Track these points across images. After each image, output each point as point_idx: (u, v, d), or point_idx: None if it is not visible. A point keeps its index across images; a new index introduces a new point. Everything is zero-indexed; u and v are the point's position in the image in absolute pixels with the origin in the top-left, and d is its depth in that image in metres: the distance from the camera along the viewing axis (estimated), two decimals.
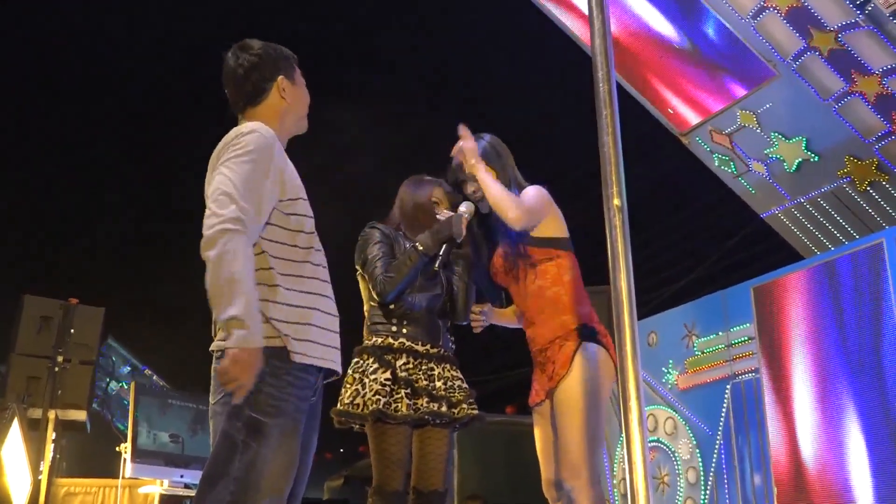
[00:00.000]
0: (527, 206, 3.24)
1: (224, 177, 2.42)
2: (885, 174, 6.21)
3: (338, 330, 2.59)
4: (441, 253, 3.36)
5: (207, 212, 2.40)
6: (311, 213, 2.60)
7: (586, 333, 3.21)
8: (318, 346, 2.48)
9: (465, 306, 3.56)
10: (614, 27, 6.42)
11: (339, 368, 2.58)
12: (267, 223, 2.49)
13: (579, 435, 3.12)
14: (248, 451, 2.30)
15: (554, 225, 3.32)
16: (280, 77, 2.66)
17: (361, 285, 3.55)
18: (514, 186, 3.35)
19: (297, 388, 2.40)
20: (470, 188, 3.42)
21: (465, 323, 3.60)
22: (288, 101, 2.67)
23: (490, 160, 3.36)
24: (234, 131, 2.55)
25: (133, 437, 6.46)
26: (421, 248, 3.35)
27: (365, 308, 3.56)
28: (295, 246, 2.52)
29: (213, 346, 2.50)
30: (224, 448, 2.33)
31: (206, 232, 2.36)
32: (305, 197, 2.61)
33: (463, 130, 3.33)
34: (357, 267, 3.54)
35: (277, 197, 2.50)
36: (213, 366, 2.50)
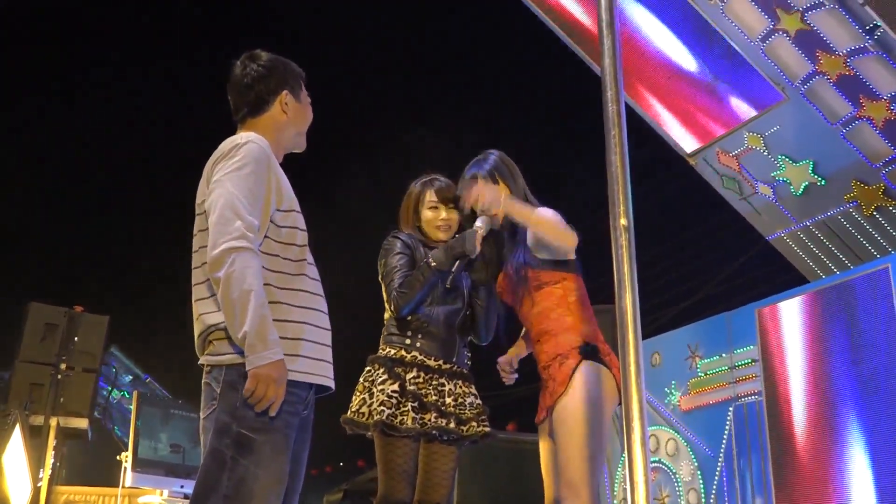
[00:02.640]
0: (569, 231, 3.28)
1: (226, 191, 2.39)
2: (892, 199, 6.20)
3: (330, 344, 2.56)
4: (454, 269, 3.35)
5: (213, 229, 2.37)
6: (303, 226, 2.57)
7: (587, 352, 3.19)
8: (309, 360, 2.45)
9: (486, 329, 3.54)
10: (623, 47, 6.44)
11: (331, 384, 2.56)
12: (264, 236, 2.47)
13: (578, 453, 3.11)
14: (236, 467, 2.27)
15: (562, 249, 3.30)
16: (284, 91, 2.66)
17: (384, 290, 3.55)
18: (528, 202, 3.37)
19: (287, 404, 2.35)
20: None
21: (484, 344, 3.59)
22: (289, 117, 2.67)
23: (503, 176, 3.37)
24: (229, 141, 2.53)
25: (134, 446, 6.45)
26: (434, 263, 3.33)
27: (385, 315, 3.56)
28: (287, 259, 2.49)
29: (201, 360, 2.47)
30: (213, 465, 2.29)
31: (212, 252, 2.34)
32: (299, 210, 2.59)
33: (478, 187, 3.32)
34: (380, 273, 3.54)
35: (274, 208, 2.49)
36: (203, 380, 2.47)
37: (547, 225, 3.23)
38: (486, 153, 3.45)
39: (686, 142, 7.20)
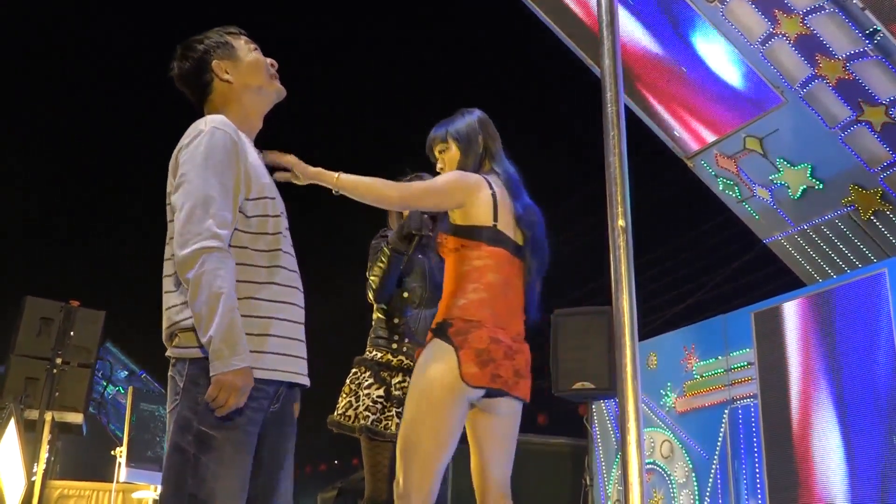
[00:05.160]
0: (419, 186, 3.05)
1: (194, 187, 2.30)
2: (890, 204, 6.21)
3: (302, 338, 2.45)
4: (408, 249, 3.35)
5: (179, 227, 2.28)
6: (277, 212, 2.45)
7: (436, 330, 2.91)
8: (276, 356, 2.35)
9: None
10: (622, 49, 6.44)
11: (302, 380, 2.44)
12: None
13: (399, 443, 2.90)
14: (199, 465, 2.21)
15: (472, 213, 3.01)
16: (214, 62, 2.53)
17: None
18: (475, 170, 3.11)
19: (250, 400, 2.27)
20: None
21: None
22: (235, 80, 2.53)
23: (459, 140, 3.18)
24: (192, 128, 2.41)
25: (129, 441, 6.45)
26: (391, 245, 3.37)
27: (374, 316, 3.57)
28: (258, 250, 2.38)
29: (167, 353, 2.40)
30: (177, 462, 2.24)
31: (182, 251, 2.25)
32: (274, 195, 2.47)
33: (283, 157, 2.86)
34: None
35: (243, 197, 2.38)
36: (168, 372, 2.39)
37: (353, 187, 2.89)
38: (462, 111, 3.27)
39: (684, 144, 7.20)
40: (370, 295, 3.44)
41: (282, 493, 2.41)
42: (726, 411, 6.15)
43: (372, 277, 3.41)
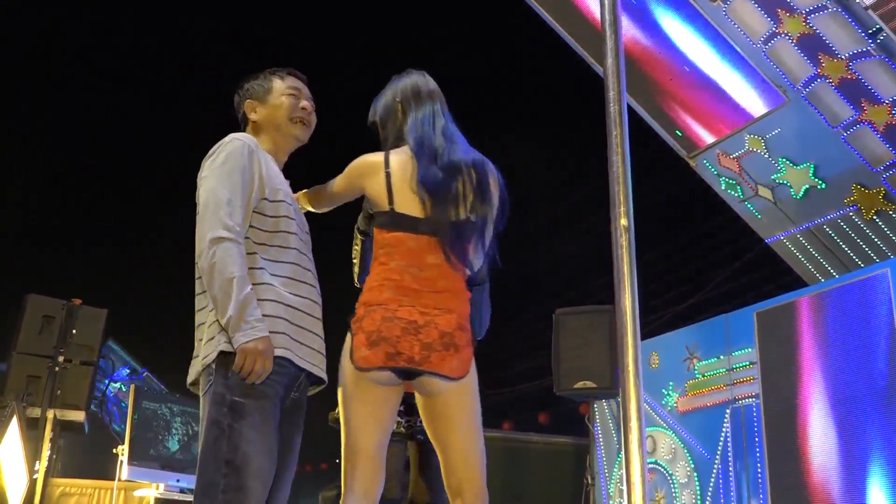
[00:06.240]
0: (325, 185, 2.99)
1: (210, 186, 2.57)
2: (892, 203, 6.20)
3: (319, 333, 2.68)
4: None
5: (198, 222, 2.55)
6: (294, 215, 2.73)
7: (350, 320, 2.77)
8: (294, 342, 2.56)
9: (479, 324, 3.47)
10: (625, 48, 6.44)
11: (318, 372, 2.64)
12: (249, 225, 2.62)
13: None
14: (233, 433, 2.39)
15: (372, 200, 2.89)
16: (247, 102, 2.86)
17: None
18: (396, 146, 2.93)
19: (273, 374, 2.46)
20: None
21: (478, 339, 3.53)
22: (261, 118, 2.84)
23: (380, 117, 3.03)
24: (218, 143, 2.71)
25: (130, 439, 6.45)
26: (358, 227, 3.21)
27: None
28: (277, 246, 2.64)
29: (197, 359, 2.61)
30: (213, 433, 2.42)
31: (198, 245, 2.50)
32: (290, 202, 2.74)
33: None
34: None
35: (259, 196, 2.63)
36: (199, 370, 2.59)
37: (304, 203, 3.00)
38: (399, 75, 3.08)
39: (687, 143, 7.20)
40: (355, 280, 3.39)
41: (287, 480, 2.59)
42: (728, 411, 6.15)
43: (354, 261, 3.35)
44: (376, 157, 2.87)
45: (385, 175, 2.82)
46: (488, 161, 2.94)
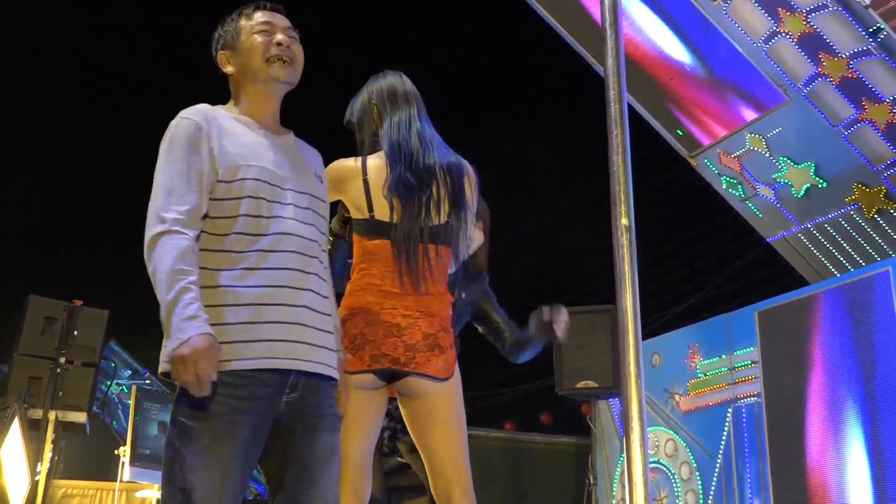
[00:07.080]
0: None
1: (155, 182, 2.31)
2: (893, 202, 6.20)
3: (303, 321, 2.29)
4: (345, 233, 3.09)
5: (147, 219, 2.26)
6: (263, 193, 2.31)
7: None
8: (271, 343, 2.23)
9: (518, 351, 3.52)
10: (626, 48, 6.43)
11: (309, 367, 2.29)
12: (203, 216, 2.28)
13: None
14: (181, 458, 2.14)
15: (351, 207, 2.84)
16: (220, 54, 2.48)
17: None
18: (371, 151, 2.89)
19: (229, 387, 2.17)
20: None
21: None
22: (236, 66, 2.45)
23: (357, 120, 2.97)
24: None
25: (132, 440, 6.46)
26: (332, 229, 3.09)
27: None
28: (239, 234, 2.27)
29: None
30: (168, 455, 2.19)
31: (144, 242, 2.22)
32: (255, 176, 2.32)
33: None
34: None
35: (213, 180, 2.29)
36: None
37: None
38: (375, 76, 3.02)
39: (688, 142, 7.19)
40: None
41: (323, 491, 2.28)
42: (730, 410, 6.14)
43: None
44: (354, 163, 2.81)
45: (363, 182, 2.77)
46: (465, 163, 2.91)
